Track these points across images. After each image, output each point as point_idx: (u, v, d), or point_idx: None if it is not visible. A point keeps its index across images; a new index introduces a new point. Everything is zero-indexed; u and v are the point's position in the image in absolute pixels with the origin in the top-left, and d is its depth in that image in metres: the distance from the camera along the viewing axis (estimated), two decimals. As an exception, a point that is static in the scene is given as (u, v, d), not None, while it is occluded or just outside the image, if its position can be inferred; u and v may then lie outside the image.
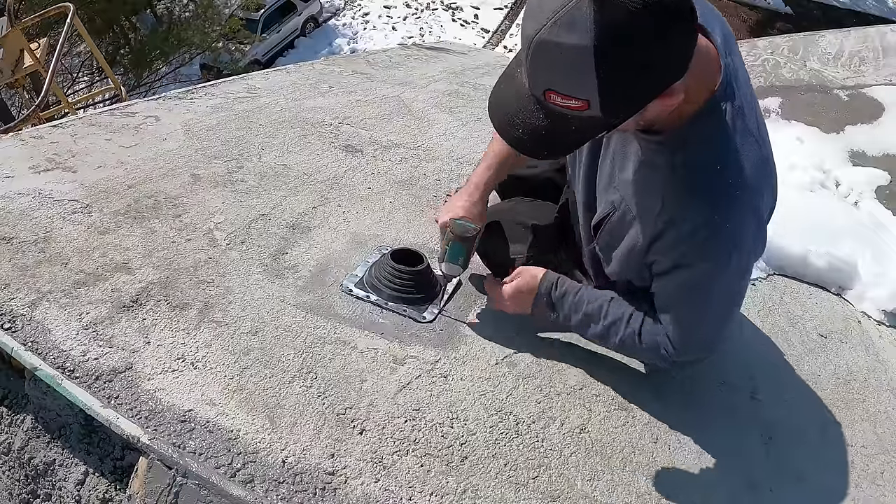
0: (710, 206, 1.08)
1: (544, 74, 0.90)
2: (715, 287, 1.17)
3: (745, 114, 1.08)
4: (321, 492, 1.13)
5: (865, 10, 17.19)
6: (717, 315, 1.24)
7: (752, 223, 1.11)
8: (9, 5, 4.81)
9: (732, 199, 1.07)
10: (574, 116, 0.92)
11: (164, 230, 1.66)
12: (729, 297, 1.21)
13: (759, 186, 1.10)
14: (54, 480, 1.35)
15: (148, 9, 13.34)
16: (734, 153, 1.07)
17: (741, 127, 1.07)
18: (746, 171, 1.07)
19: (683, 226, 1.10)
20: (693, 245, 1.11)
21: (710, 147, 1.07)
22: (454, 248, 1.47)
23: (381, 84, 2.90)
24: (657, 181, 1.12)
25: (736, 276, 1.18)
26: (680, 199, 1.10)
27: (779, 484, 1.35)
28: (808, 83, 3.24)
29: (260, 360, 1.35)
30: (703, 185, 1.08)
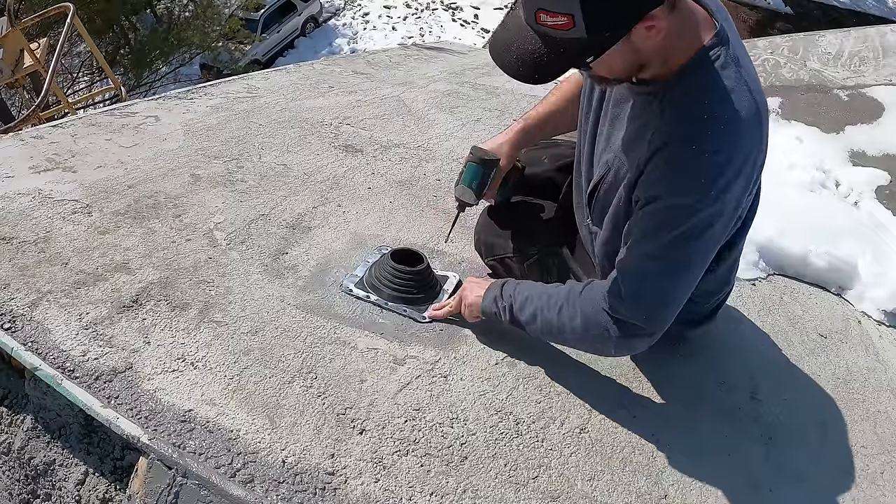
0: (691, 136, 1.08)
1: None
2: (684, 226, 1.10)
3: (741, 65, 1.10)
4: (321, 492, 1.13)
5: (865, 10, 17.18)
6: (678, 263, 1.15)
7: (736, 168, 1.08)
8: (9, 5, 4.81)
9: (715, 131, 1.07)
10: (562, 38, 0.98)
11: (164, 230, 1.66)
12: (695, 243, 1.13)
13: (746, 131, 1.09)
14: (54, 480, 1.35)
15: (148, 9, 13.35)
16: (722, 92, 1.08)
17: (735, 75, 1.08)
18: (734, 113, 1.07)
19: (665, 153, 1.10)
20: (671, 173, 1.10)
21: (698, 93, 1.09)
22: (469, 170, 1.47)
23: (381, 84, 2.90)
24: (648, 127, 1.14)
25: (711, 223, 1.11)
26: (663, 133, 1.11)
27: (779, 484, 1.35)
28: (808, 83, 3.24)
29: (260, 360, 1.35)
30: (688, 120, 1.09)
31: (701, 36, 1.08)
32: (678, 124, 1.10)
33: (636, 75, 1.12)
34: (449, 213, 1.94)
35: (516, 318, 1.34)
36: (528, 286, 1.36)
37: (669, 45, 1.05)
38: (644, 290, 1.17)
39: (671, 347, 1.60)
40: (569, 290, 1.29)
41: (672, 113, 1.11)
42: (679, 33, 1.05)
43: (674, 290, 1.18)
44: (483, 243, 1.66)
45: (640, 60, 1.07)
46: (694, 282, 1.19)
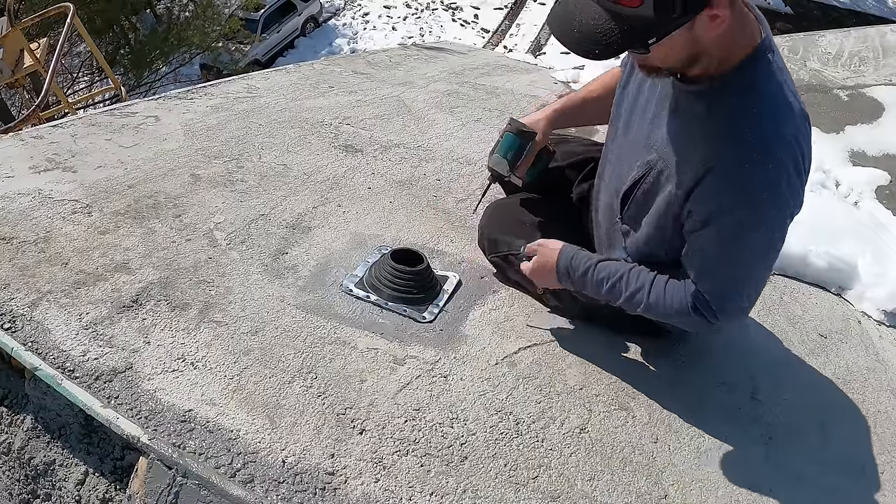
0: (749, 145, 1.08)
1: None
2: (752, 237, 1.14)
3: (785, 72, 1.11)
4: (321, 492, 1.13)
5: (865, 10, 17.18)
6: (754, 269, 1.19)
7: (791, 167, 1.09)
8: (9, 5, 4.81)
9: (771, 142, 1.07)
10: (628, 14, 0.98)
11: (164, 230, 1.66)
12: (766, 250, 1.17)
13: (798, 133, 1.09)
14: (54, 480, 1.35)
15: (148, 9, 13.35)
16: (775, 99, 1.08)
17: (781, 80, 1.09)
18: (787, 119, 1.08)
19: (721, 168, 1.10)
20: (731, 190, 1.11)
21: (750, 93, 1.09)
22: (506, 140, 1.45)
23: (381, 84, 2.90)
24: (696, 130, 1.13)
25: (773, 226, 1.14)
26: (718, 143, 1.10)
27: (778, 484, 1.35)
28: (808, 83, 3.24)
29: (260, 360, 1.35)
30: (741, 125, 1.08)
31: (755, 35, 1.09)
32: (733, 131, 1.09)
33: (686, 70, 1.12)
34: (449, 212, 1.94)
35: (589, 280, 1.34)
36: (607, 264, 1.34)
37: (727, 39, 1.05)
38: (727, 306, 1.21)
39: (671, 348, 1.60)
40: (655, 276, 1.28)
41: (723, 116, 1.10)
42: (737, 30, 1.05)
43: (753, 296, 1.23)
44: (486, 239, 1.66)
45: (696, 51, 1.06)
46: (768, 275, 1.23)
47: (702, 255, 1.21)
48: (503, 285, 1.68)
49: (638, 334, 1.57)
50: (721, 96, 1.10)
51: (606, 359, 1.52)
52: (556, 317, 1.61)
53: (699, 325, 1.26)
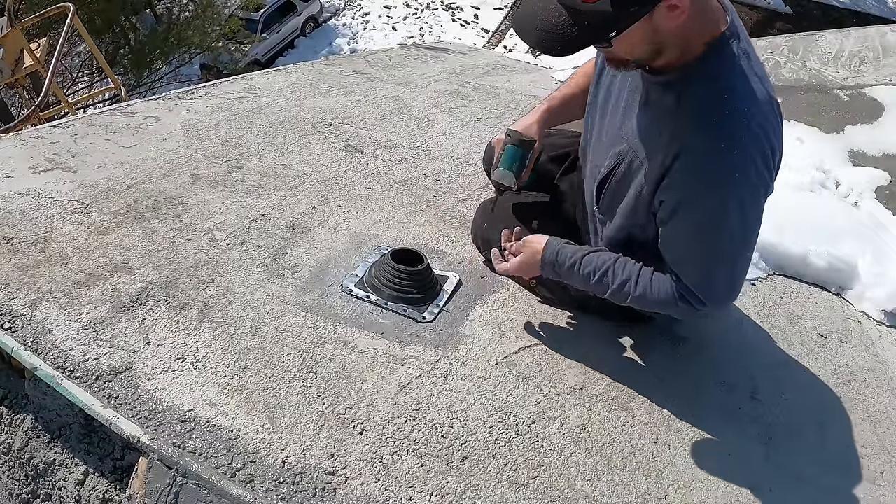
0: (715, 133, 1.09)
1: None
2: (726, 222, 1.15)
3: (751, 58, 1.11)
4: (321, 492, 1.13)
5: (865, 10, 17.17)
6: (731, 254, 1.20)
7: (758, 156, 1.10)
8: (9, 5, 4.81)
9: (738, 126, 1.08)
10: (587, 10, 0.99)
11: (164, 230, 1.66)
12: (742, 234, 1.17)
13: (765, 123, 1.10)
14: (54, 480, 1.35)
15: (148, 9, 13.35)
16: (741, 85, 1.09)
17: (747, 66, 1.10)
18: (753, 104, 1.08)
19: (689, 156, 1.11)
20: (699, 176, 1.12)
21: (717, 79, 1.10)
22: (508, 152, 1.47)
23: (381, 84, 2.90)
24: (664, 119, 1.15)
25: (745, 211, 1.15)
26: (686, 132, 1.11)
27: (778, 484, 1.35)
28: (808, 83, 3.24)
29: (260, 360, 1.35)
30: (708, 114, 1.09)
31: (718, 22, 1.09)
32: (699, 120, 1.10)
33: (653, 61, 1.13)
34: (449, 212, 1.94)
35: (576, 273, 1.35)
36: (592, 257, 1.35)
37: (688, 29, 1.05)
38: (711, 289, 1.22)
39: (671, 347, 1.61)
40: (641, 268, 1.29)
41: (691, 106, 1.11)
42: (698, 19, 1.05)
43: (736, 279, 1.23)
44: (480, 238, 1.69)
45: (659, 42, 1.07)
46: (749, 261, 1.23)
47: (677, 245, 1.22)
48: (503, 285, 1.68)
49: (628, 321, 1.59)
50: (688, 86, 1.11)
51: (606, 359, 1.52)
52: (557, 315, 1.61)
53: (687, 313, 1.27)
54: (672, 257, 1.24)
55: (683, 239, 1.21)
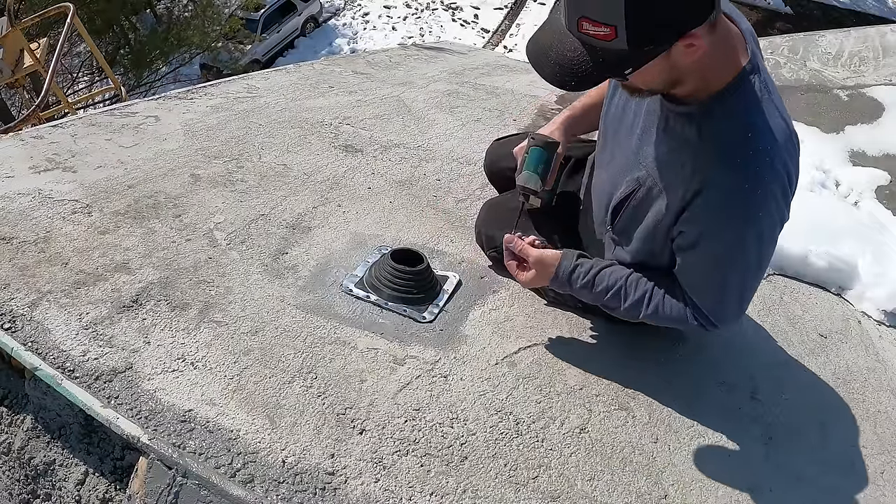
0: (739, 173, 1.09)
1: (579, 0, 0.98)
2: (744, 255, 1.18)
3: (770, 89, 1.12)
4: (321, 492, 1.13)
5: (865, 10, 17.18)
6: (746, 283, 1.24)
7: (779, 191, 1.12)
8: (9, 5, 4.81)
9: (762, 165, 1.08)
10: (602, 48, 0.99)
11: (164, 230, 1.66)
12: (757, 264, 1.21)
13: (786, 156, 1.11)
14: (54, 480, 1.35)
15: (148, 9, 13.35)
16: (763, 123, 1.09)
17: (767, 100, 1.10)
18: (774, 141, 1.09)
19: (712, 193, 1.12)
20: (722, 213, 1.14)
21: (739, 117, 1.10)
22: (533, 154, 1.44)
23: (381, 84, 2.90)
24: (685, 152, 1.14)
25: (763, 244, 1.18)
26: (709, 168, 1.12)
27: (778, 484, 1.35)
28: (808, 83, 3.24)
29: (260, 360, 1.35)
30: (732, 153, 1.10)
31: (738, 58, 1.09)
32: (723, 158, 1.10)
33: (670, 91, 1.13)
34: (449, 212, 1.94)
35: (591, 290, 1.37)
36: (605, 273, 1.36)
37: (707, 65, 1.05)
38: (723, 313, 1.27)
39: (671, 347, 1.61)
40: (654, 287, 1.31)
41: (714, 143, 1.11)
42: (717, 55, 1.05)
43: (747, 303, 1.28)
44: (484, 235, 1.69)
45: (677, 76, 1.08)
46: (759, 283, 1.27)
47: (694, 273, 1.25)
48: (503, 285, 1.68)
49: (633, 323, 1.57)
50: (710, 121, 1.11)
51: (606, 359, 1.52)
52: (557, 315, 1.61)
53: (697, 330, 1.31)
54: (688, 282, 1.27)
55: (701, 268, 1.23)
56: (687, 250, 1.22)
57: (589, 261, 1.38)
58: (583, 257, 1.38)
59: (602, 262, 1.37)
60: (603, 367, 1.50)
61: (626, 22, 0.94)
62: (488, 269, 1.72)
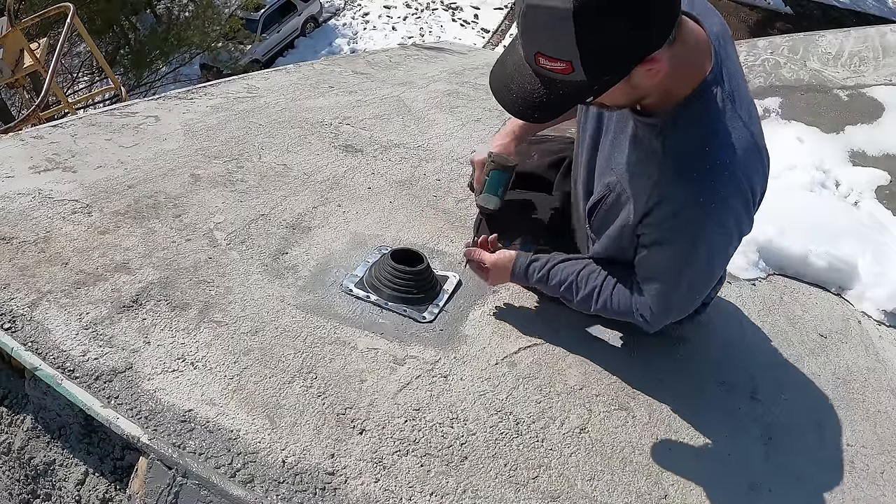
0: (695, 187, 1.11)
1: (533, 36, 0.98)
2: (694, 264, 1.21)
3: (736, 100, 1.11)
4: (321, 492, 1.13)
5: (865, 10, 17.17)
6: (694, 288, 1.28)
7: (739, 204, 1.12)
8: (9, 5, 4.81)
9: (718, 180, 1.09)
10: (561, 80, 0.99)
11: (164, 230, 1.66)
12: (707, 272, 1.25)
13: (748, 169, 1.11)
14: (54, 480, 1.35)
15: (148, 9, 13.34)
16: (722, 135, 1.09)
17: (731, 111, 1.10)
18: (734, 153, 1.09)
19: (670, 205, 1.15)
20: (677, 223, 1.16)
21: (698, 129, 1.10)
22: (494, 178, 1.49)
23: (381, 84, 2.90)
24: (651, 162, 1.16)
25: (714, 257, 1.21)
26: (668, 180, 1.14)
27: (778, 484, 1.35)
28: (808, 83, 3.24)
29: (260, 360, 1.35)
30: (689, 166, 1.11)
31: (703, 66, 1.09)
32: (680, 173, 1.12)
33: (636, 105, 1.14)
34: (449, 212, 1.94)
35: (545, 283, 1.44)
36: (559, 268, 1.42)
37: (670, 81, 1.06)
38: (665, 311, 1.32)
39: (671, 347, 1.61)
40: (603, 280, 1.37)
41: (673, 156, 1.12)
42: (680, 68, 1.05)
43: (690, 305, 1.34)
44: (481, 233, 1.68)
45: (640, 94, 1.08)
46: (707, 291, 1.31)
47: (648, 268, 1.29)
48: (503, 285, 1.68)
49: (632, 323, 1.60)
50: (672, 133, 1.12)
51: (606, 359, 1.52)
52: (557, 315, 1.61)
53: (642, 325, 1.36)
54: (642, 274, 1.31)
55: (654, 267, 1.28)
56: (646, 247, 1.26)
57: (545, 256, 1.44)
58: (540, 252, 1.45)
59: (558, 257, 1.43)
60: (603, 367, 1.50)
61: (581, 57, 0.94)
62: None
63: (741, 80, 1.15)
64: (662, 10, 0.95)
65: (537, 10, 0.94)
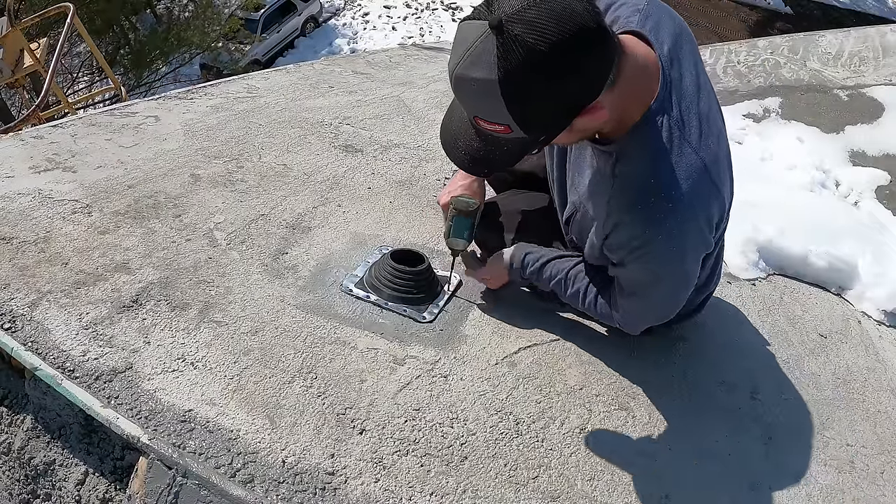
0: (642, 220, 1.12)
1: (468, 103, 1.00)
2: (657, 285, 1.26)
3: (686, 125, 1.10)
4: (321, 492, 1.13)
5: (865, 10, 17.17)
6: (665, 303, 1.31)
7: (690, 230, 1.13)
8: (9, 5, 4.81)
9: (666, 210, 1.10)
10: (503, 139, 1.00)
11: (164, 230, 1.66)
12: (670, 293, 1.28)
13: (698, 196, 1.11)
14: (54, 480, 1.35)
15: (148, 9, 13.34)
16: (667, 166, 1.09)
17: (678, 139, 1.09)
18: (679, 184, 1.09)
19: (624, 231, 1.17)
20: (632, 250, 1.18)
21: (644, 159, 1.10)
22: (458, 223, 1.52)
23: (381, 84, 2.90)
24: (605, 187, 1.17)
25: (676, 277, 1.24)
26: (620, 208, 1.15)
27: (779, 484, 1.35)
28: (808, 83, 3.24)
29: (260, 360, 1.35)
30: (638, 196, 1.11)
31: (652, 90, 1.08)
32: (627, 204, 1.14)
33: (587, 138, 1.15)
34: (449, 213, 1.94)
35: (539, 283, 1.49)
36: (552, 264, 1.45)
37: (619, 112, 1.06)
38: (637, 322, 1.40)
39: (671, 347, 1.61)
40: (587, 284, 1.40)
41: (621, 187, 1.14)
42: (626, 100, 1.05)
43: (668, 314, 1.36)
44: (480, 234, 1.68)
45: (585, 133, 1.09)
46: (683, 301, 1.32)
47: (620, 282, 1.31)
48: (503, 285, 1.68)
49: None
50: (620, 162, 1.13)
51: (606, 359, 1.52)
52: (557, 315, 1.61)
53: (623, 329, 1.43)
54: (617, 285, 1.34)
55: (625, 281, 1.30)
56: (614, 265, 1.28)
57: (539, 250, 1.47)
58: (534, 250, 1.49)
59: (551, 253, 1.46)
60: (603, 367, 1.50)
61: (517, 121, 0.95)
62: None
63: (700, 94, 1.14)
64: (596, 61, 0.94)
65: (465, 80, 0.95)
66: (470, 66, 0.93)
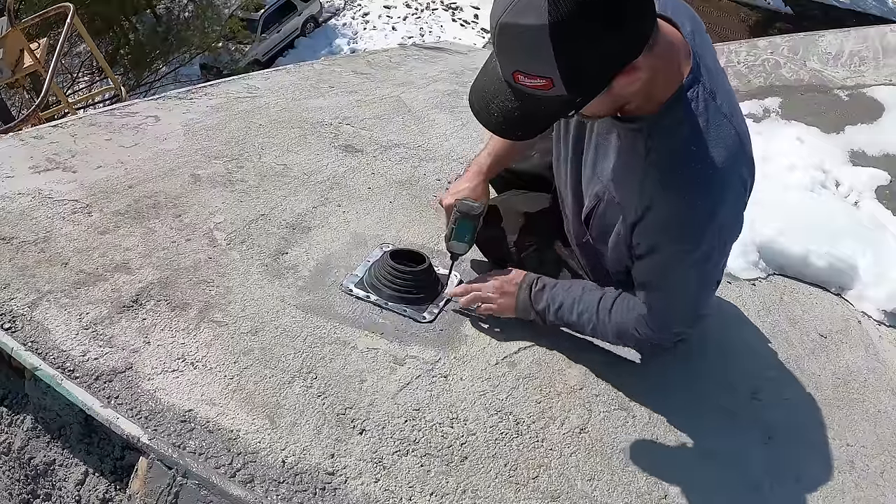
0: (682, 190, 1.10)
1: (510, 56, 0.96)
2: (687, 269, 1.20)
3: (717, 97, 1.11)
4: (321, 492, 1.13)
5: (865, 10, 17.17)
6: (692, 294, 1.27)
7: (729, 202, 1.12)
8: (9, 5, 4.80)
9: (705, 180, 1.09)
10: (542, 97, 0.97)
11: (164, 230, 1.66)
12: (703, 277, 1.24)
13: (737, 164, 1.11)
14: (54, 480, 1.35)
15: (148, 9, 13.34)
16: (706, 135, 1.09)
17: (714, 109, 1.09)
18: (719, 152, 1.09)
19: (659, 211, 1.14)
20: (668, 228, 1.15)
21: (681, 131, 1.09)
22: (461, 226, 1.51)
23: (381, 84, 2.90)
24: (636, 167, 1.15)
25: (710, 257, 1.20)
26: (655, 185, 1.13)
27: (779, 484, 1.35)
28: (808, 83, 3.24)
29: (260, 360, 1.35)
30: (678, 169, 1.10)
31: (682, 67, 1.08)
32: (663, 178, 1.12)
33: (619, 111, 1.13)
34: (449, 212, 1.94)
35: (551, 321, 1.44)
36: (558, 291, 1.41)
37: (651, 85, 1.05)
38: (669, 321, 1.30)
39: (671, 347, 1.60)
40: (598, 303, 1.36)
41: (657, 162, 1.12)
42: (660, 72, 1.04)
43: (694, 312, 1.31)
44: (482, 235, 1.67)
45: (622, 103, 1.08)
46: (710, 298, 1.30)
47: (644, 281, 1.28)
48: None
49: None
50: (654, 137, 1.11)
51: (606, 359, 1.52)
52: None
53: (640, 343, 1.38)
54: (640, 287, 1.30)
55: (651, 277, 1.26)
56: (640, 259, 1.25)
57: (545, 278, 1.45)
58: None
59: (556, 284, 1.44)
60: (603, 367, 1.50)
61: (560, 73, 0.93)
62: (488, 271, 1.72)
63: (719, 74, 1.15)
64: (639, 19, 0.95)
65: (512, 28, 0.92)
66: (518, 13, 0.91)
